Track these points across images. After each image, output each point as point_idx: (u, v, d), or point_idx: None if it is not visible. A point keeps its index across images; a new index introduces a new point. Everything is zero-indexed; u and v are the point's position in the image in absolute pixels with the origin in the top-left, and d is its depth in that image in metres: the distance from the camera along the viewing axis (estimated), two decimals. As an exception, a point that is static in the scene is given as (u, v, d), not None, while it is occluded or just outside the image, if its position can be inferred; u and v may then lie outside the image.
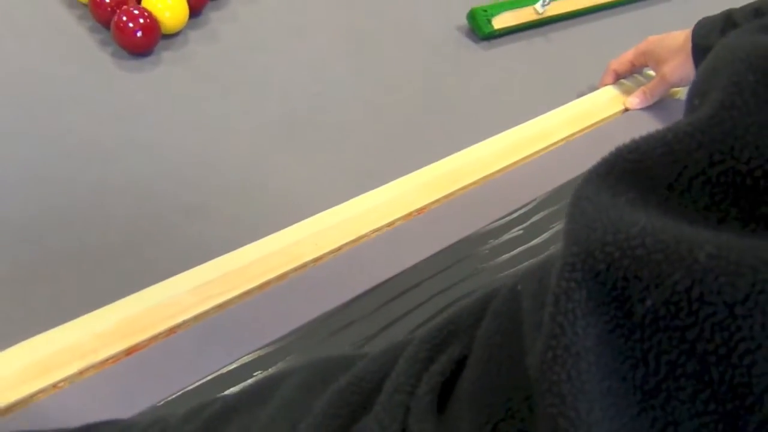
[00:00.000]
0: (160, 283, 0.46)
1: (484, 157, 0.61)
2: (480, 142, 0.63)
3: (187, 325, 0.44)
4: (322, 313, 0.46)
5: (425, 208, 0.56)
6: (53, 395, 0.40)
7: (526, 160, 0.63)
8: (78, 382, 0.41)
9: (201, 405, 0.25)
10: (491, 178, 0.60)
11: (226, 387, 0.41)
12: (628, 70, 0.74)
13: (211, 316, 0.45)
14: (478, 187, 0.59)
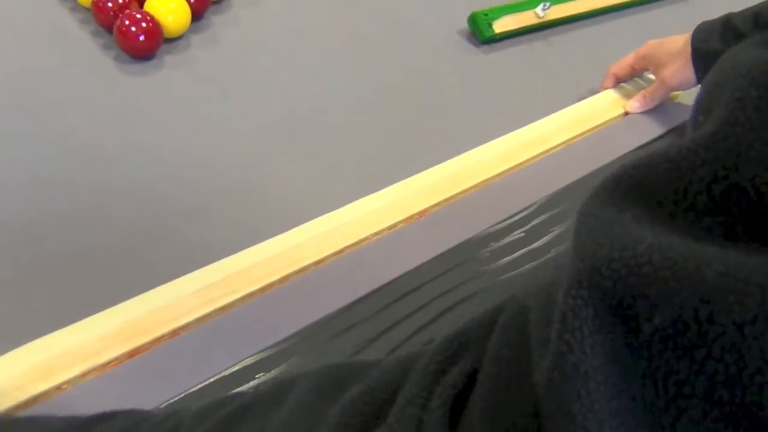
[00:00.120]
0: (162, 285, 0.46)
1: (485, 160, 0.62)
2: (481, 146, 0.63)
3: (190, 328, 0.44)
4: (324, 316, 0.46)
5: (426, 211, 0.56)
6: (56, 397, 0.40)
7: (527, 164, 0.63)
8: (81, 384, 0.41)
9: (215, 402, 0.26)
10: (492, 182, 0.60)
11: (229, 389, 0.42)
12: (628, 74, 0.75)
13: (214, 319, 0.45)
14: (479, 191, 0.59)
